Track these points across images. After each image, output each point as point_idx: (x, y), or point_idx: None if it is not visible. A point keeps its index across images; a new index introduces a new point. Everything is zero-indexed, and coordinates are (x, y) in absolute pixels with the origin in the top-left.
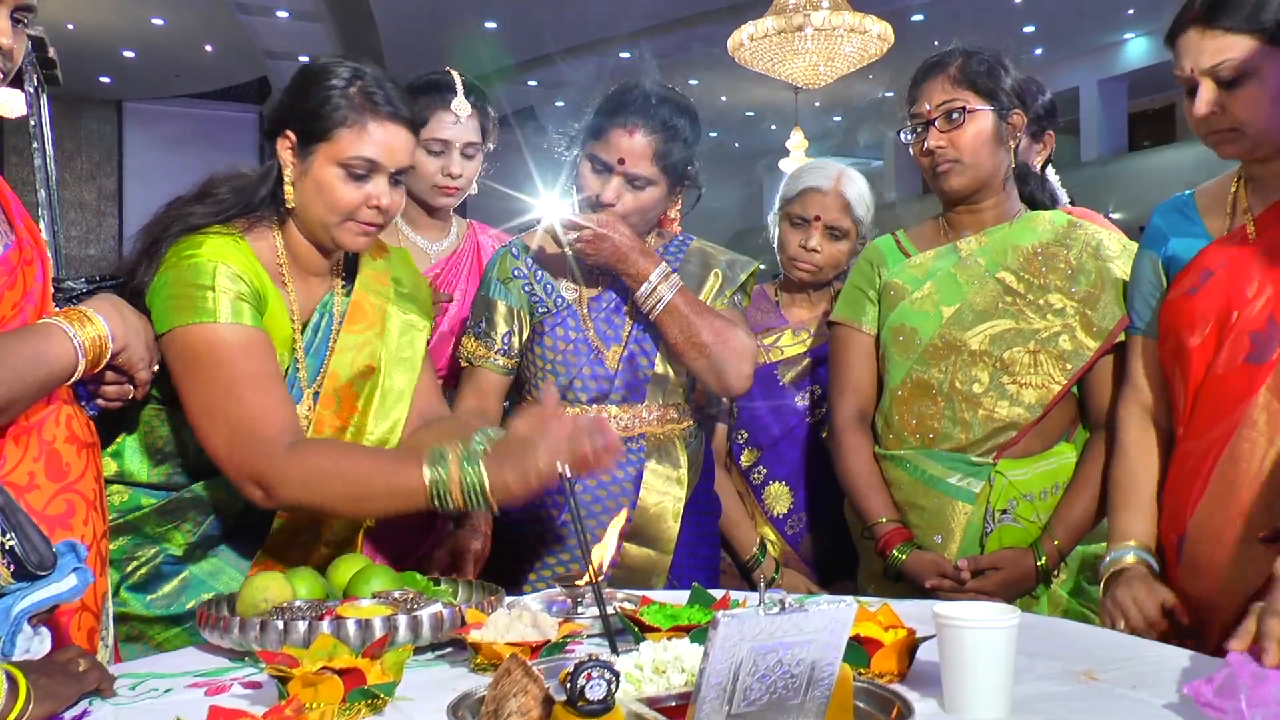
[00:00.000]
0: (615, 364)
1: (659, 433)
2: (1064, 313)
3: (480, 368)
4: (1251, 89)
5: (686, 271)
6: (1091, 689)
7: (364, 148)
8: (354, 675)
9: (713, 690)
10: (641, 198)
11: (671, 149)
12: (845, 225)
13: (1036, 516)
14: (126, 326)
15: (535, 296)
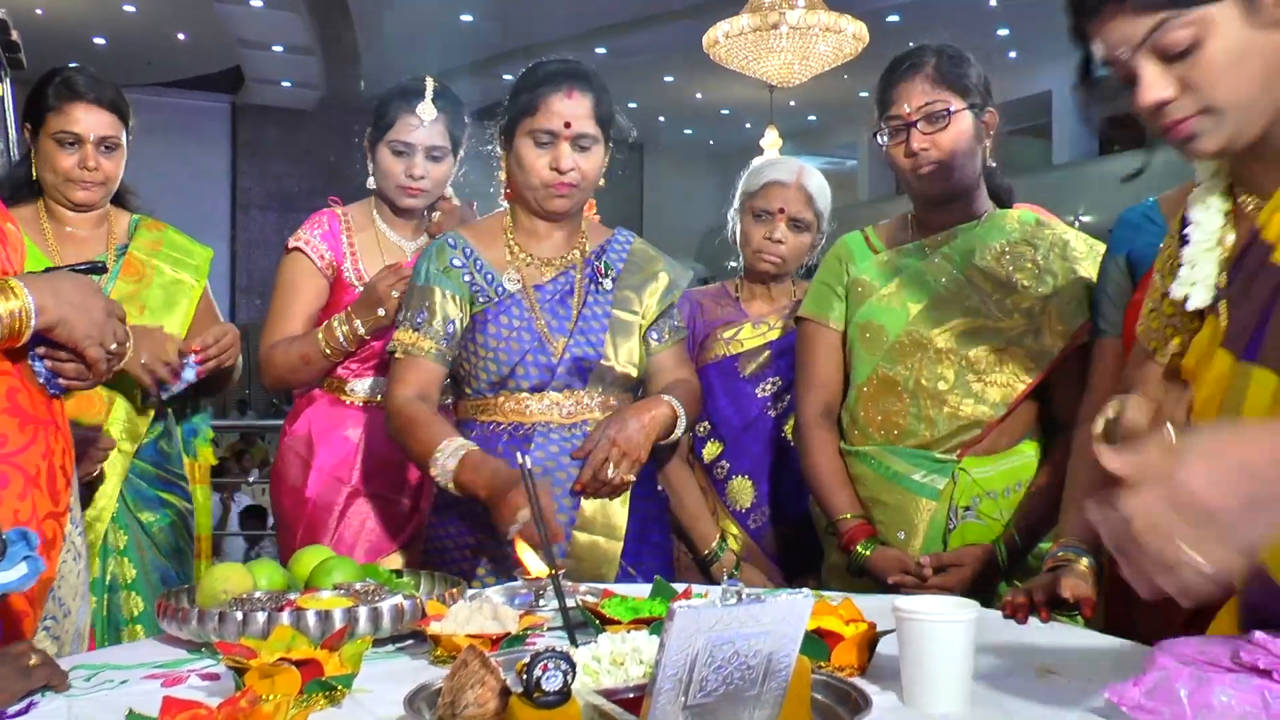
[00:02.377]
0: (560, 353)
1: (601, 417)
2: (1030, 312)
3: (418, 358)
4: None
5: (630, 268)
6: (1048, 683)
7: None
8: (312, 666)
9: (668, 681)
10: (590, 159)
11: (604, 105)
12: (808, 217)
13: (999, 514)
14: (62, 302)
15: (476, 286)
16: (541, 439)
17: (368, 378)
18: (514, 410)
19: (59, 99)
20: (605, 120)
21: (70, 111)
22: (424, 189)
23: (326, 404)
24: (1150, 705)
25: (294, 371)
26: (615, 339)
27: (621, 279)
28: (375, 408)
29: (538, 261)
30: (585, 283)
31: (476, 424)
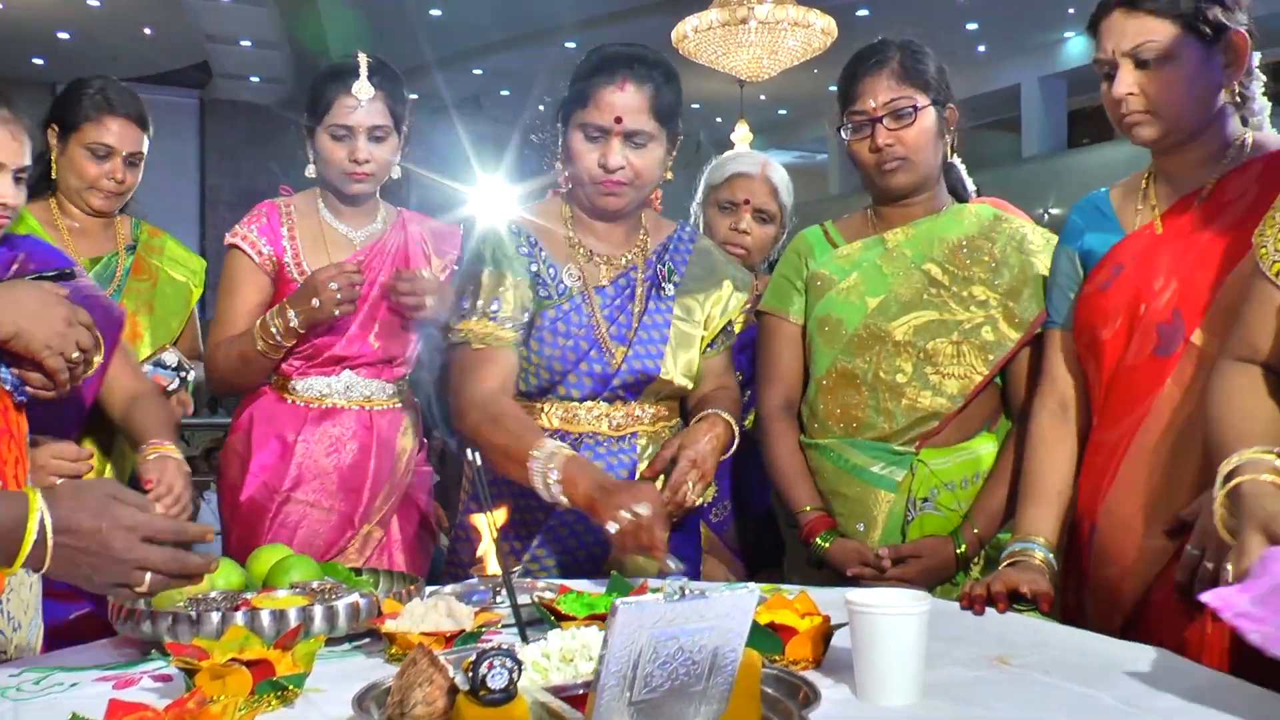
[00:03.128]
0: (619, 364)
1: (651, 430)
2: (987, 304)
3: (495, 349)
4: (1169, 72)
5: (693, 273)
6: (1004, 674)
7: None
8: (263, 667)
9: (613, 678)
10: (646, 156)
11: (665, 97)
12: (772, 209)
13: (957, 505)
14: (21, 314)
15: (540, 279)
16: (588, 451)
17: (312, 377)
18: (561, 418)
19: (96, 110)
20: (666, 113)
21: (107, 124)
22: (369, 172)
23: (270, 401)
24: (1258, 614)
25: (236, 372)
26: (676, 351)
27: (684, 284)
28: (319, 410)
29: (597, 259)
30: (647, 287)
31: None
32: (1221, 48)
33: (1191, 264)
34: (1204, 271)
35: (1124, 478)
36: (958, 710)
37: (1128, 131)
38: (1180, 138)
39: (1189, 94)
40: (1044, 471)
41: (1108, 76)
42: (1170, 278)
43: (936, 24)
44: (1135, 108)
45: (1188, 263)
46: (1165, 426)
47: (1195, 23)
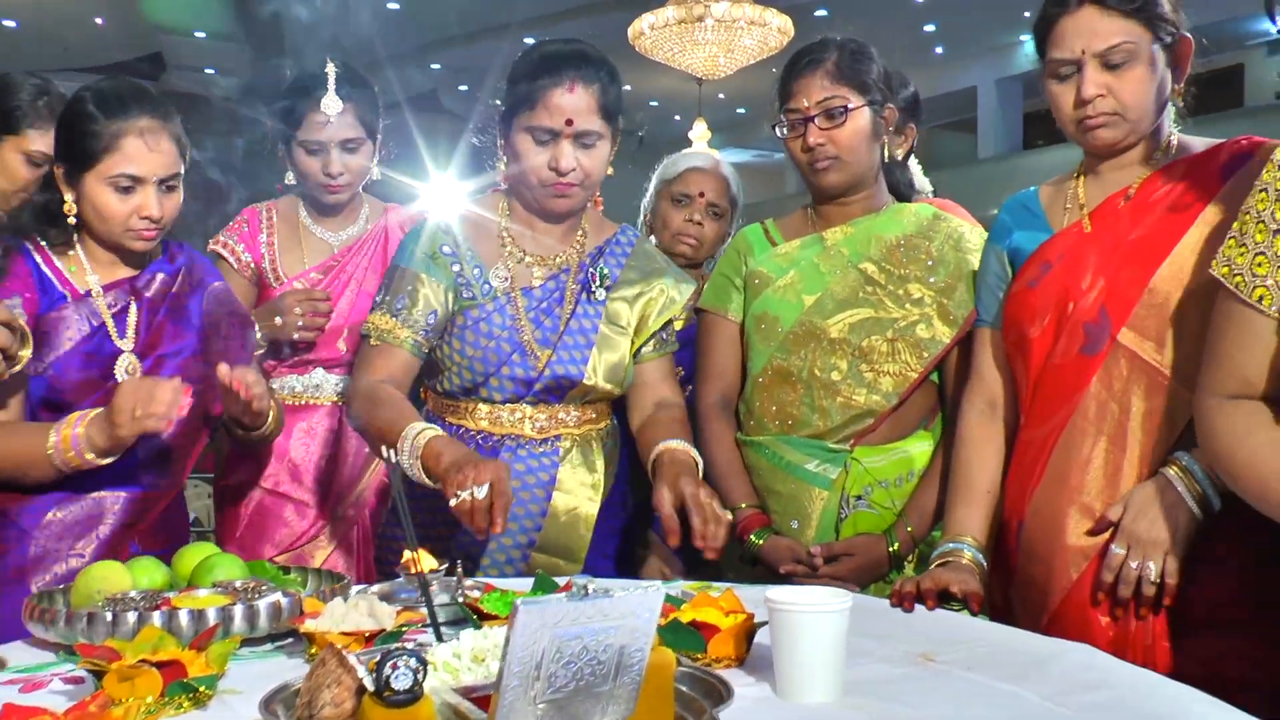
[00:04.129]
0: (541, 367)
1: (577, 433)
2: (922, 302)
3: (392, 346)
4: (1138, 73)
5: (628, 276)
6: (928, 671)
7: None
8: (175, 668)
9: (515, 678)
10: (595, 156)
11: (610, 95)
12: (724, 205)
13: (891, 503)
14: None
15: (463, 279)
16: (509, 454)
17: (286, 375)
18: (485, 418)
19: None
20: (612, 111)
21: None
22: (345, 183)
23: None
24: None
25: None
26: (601, 355)
27: (616, 288)
28: (292, 406)
29: (529, 259)
30: (577, 290)
31: (443, 424)
32: (1172, 51)
33: (1118, 263)
34: (1130, 270)
35: (1050, 476)
36: (879, 708)
37: (1088, 133)
38: (1135, 140)
39: (1149, 96)
40: (973, 471)
41: (1062, 77)
42: (1098, 276)
43: (894, 25)
44: (1103, 109)
45: (1115, 261)
46: (1090, 425)
47: (1159, 25)
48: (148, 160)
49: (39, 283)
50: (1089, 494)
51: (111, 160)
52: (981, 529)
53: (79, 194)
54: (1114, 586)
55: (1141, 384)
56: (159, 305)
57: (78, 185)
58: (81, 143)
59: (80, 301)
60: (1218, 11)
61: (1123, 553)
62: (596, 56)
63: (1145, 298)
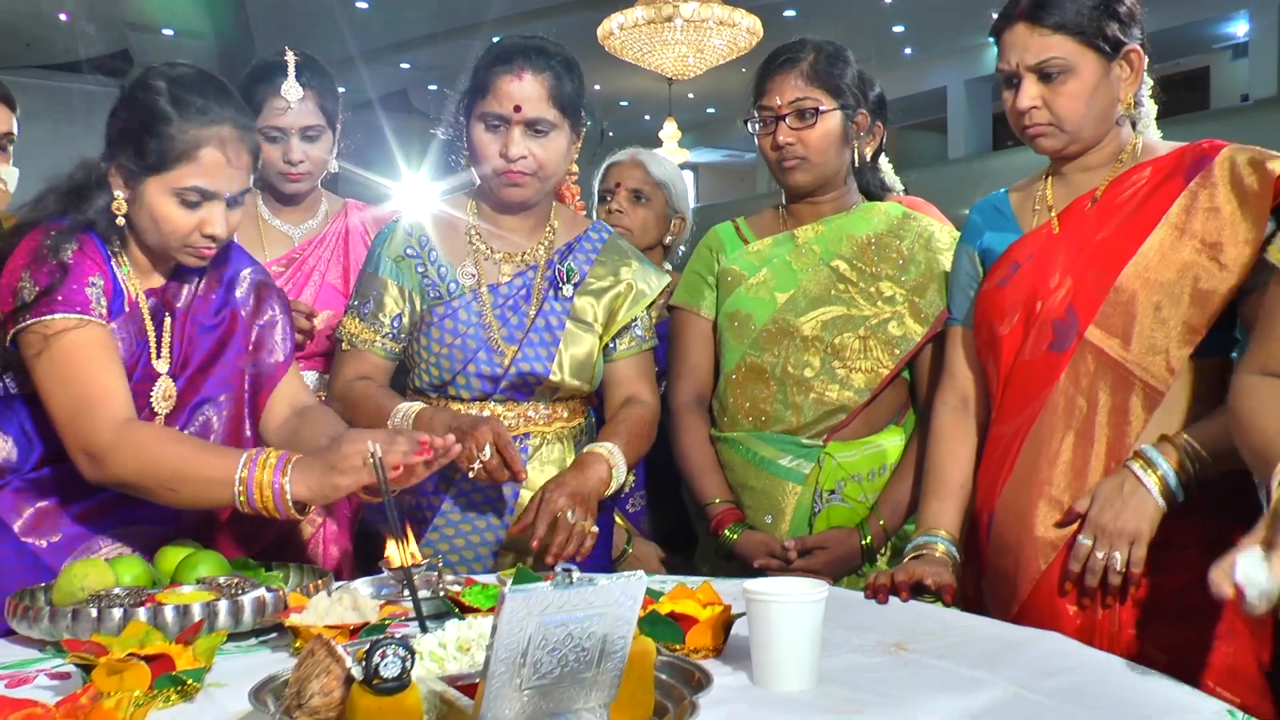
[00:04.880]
0: (508, 364)
1: (546, 431)
2: (893, 300)
3: (362, 351)
4: (1072, 85)
5: (596, 272)
6: (900, 660)
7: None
8: (163, 661)
9: (502, 664)
10: (548, 146)
11: (565, 86)
12: (646, 189)
13: (864, 497)
14: None
15: (428, 279)
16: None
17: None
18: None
19: None
20: (568, 103)
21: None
22: (305, 172)
23: None
24: None
25: None
26: (567, 352)
27: (584, 284)
28: None
29: (497, 256)
30: (544, 287)
31: None
32: (1119, 62)
33: (1085, 262)
34: (1097, 270)
35: (1020, 470)
36: (852, 695)
37: (1030, 142)
38: (1080, 148)
39: (1089, 107)
40: (945, 466)
41: (1010, 85)
42: (1065, 275)
43: (863, 26)
44: (1038, 120)
45: (1082, 261)
46: (1059, 420)
47: (1095, 40)
48: (224, 176)
49: (112, 279)
50: (1057, 487)
51: (184, 170)
52: (954, 522)
53: (135, 196)
54: (1081, 576)
55: (1108, 380)
56: (191, 315)
57: (135, 187)
58: (150, 143)
59: (133, 312)
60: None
61: (1089, 543)
62: (554, 50)
63: (1111, 296)
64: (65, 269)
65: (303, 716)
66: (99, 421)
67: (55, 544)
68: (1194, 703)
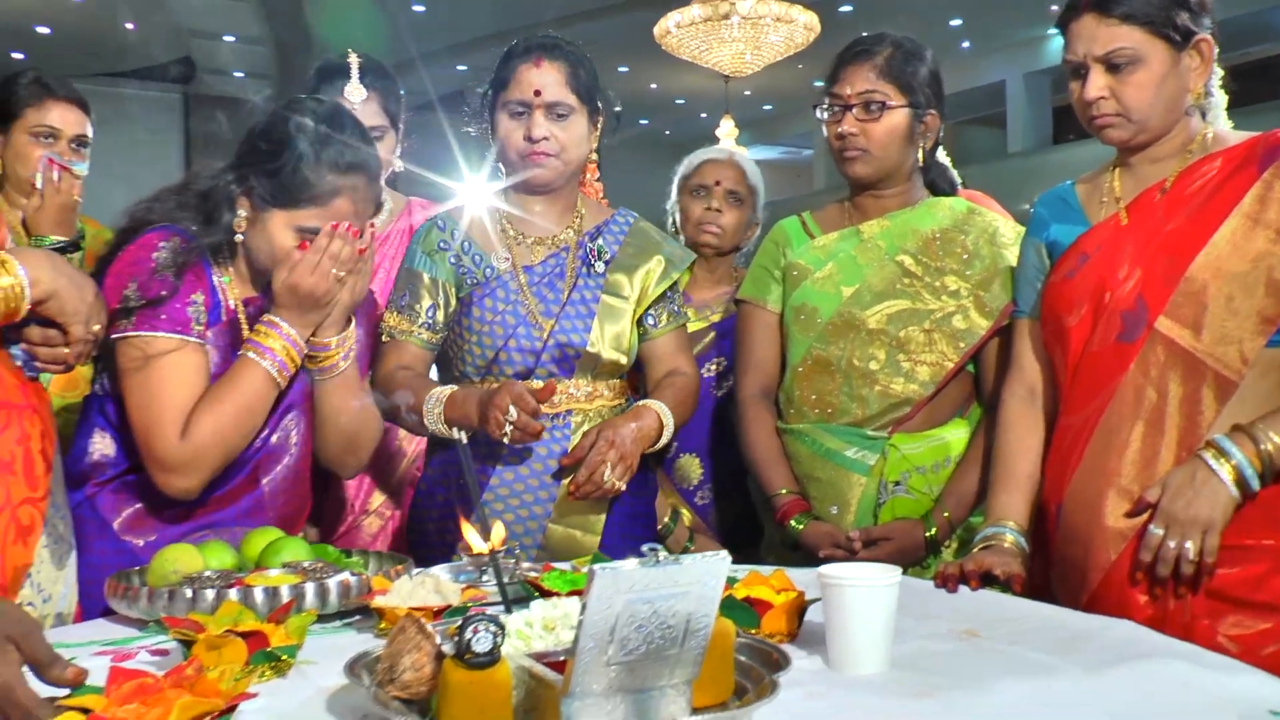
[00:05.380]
0: (546, 336)
1: (588, 409)
2: (958, 294)
3: (402, 342)
4: (1140, 76)
5: (626, 251)
6: (972, 645)
7: None
8: (258, 638)
9: (590, 640)
10: (569, 129)
11: (580, 72)
12: (742, 191)
13: (929, 488)
14: (58, 275)
15: (463, 268)
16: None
17: None
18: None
19: (36, 96)
20: (584, 90)
21: (49, 107)
22: None
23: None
24: None
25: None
26: (603, 325)
27: (615, 262)
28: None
29: (529, 241)
30: (577, 265)
31: None
32: (1189, 51)
33: (1154, 253)
34: (1167, 260)
35: (1088, 460)
36: (923, 679)
37: (1098, 133)
38: (1148, 139)
39: (1158, 98)
40: (1014, 457)
41: (1077, 76)
42: (1135, 266)
43: (920, 20)
44: (1106, 110)
45: (1151, 251)
46: (1128, 410)
47: (1165, 29)
48: (347, 220)
49: (211, 291)
50: (1127, 477)
51: (312, 212)
52: (1023, 513)
53: (256, 220)
54: (1152, 566)
55: (1179, 370)
56: None
57: (260, 213)
58: (287, 181)
59: (231, 322)
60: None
61: (1161, 532)
62: (566, 44)
63: (1182, 286)
64: (173, 286)
65: (395, 690)
66: (173, 441)
67: (151, 543)
68: (1271, 692)
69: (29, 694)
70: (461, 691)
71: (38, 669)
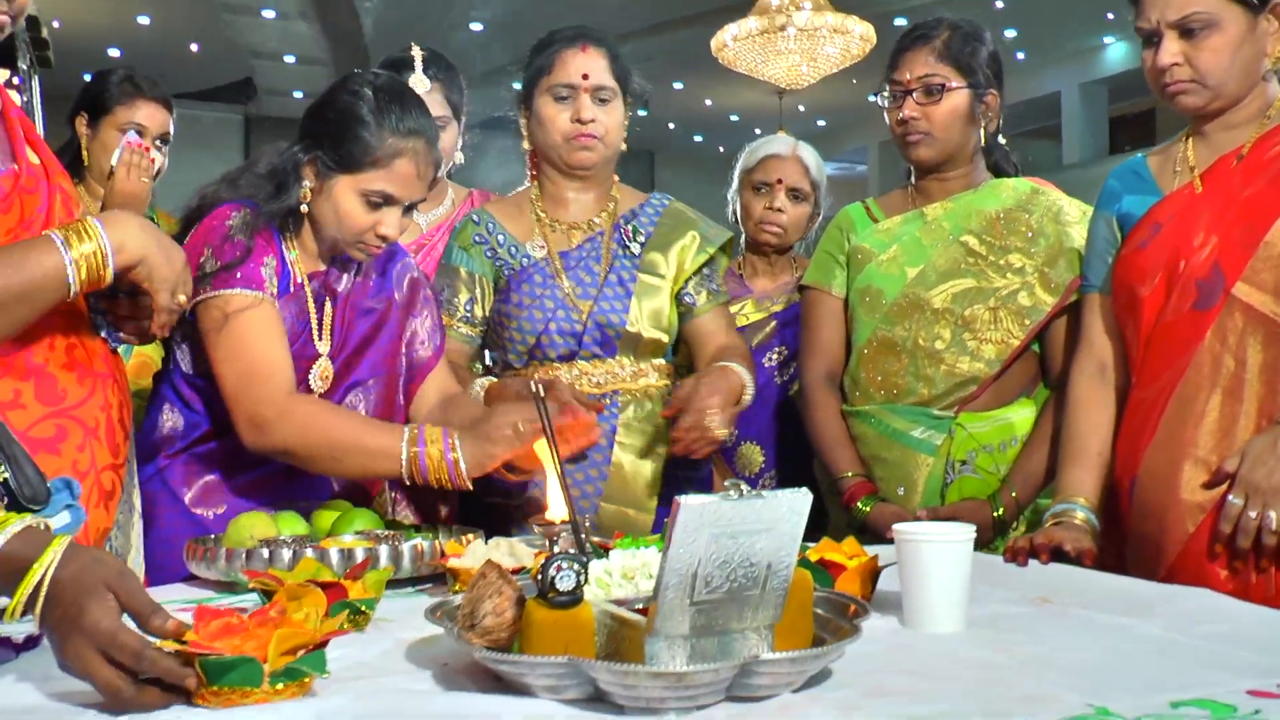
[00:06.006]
0: (585, 320)
1: (634, 388)
2: (1023, 271)
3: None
4: (1215, 40)
5: (661, 230)
6: (1047, 610)
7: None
8: (337, 590)
9: (675, 576)
10: (611, 113)
11: (619, 61)
12: (805, 188)
13: (995, 468)
14: (146, 240)
15: (499, 259)
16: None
17: None
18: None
19: (126, 95)
20: (622, 77)
21: (138, 106)
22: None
23: None
24: None
25: None
26: (641, 303)
27: (651, 241)
28: None
29: (564, 227)
30: (613, 247)
31: None
32: (1266, 16)
33: (1231, 219)
34: (1244, 226)
35: (1163, 432)
36: (1000, 638)
37: (1171, 100)
38: (1223, 105)
39: (1233, 62)
40: (1084, 433)
41: (1150, 44)
42: (1210, 234)
43: None
44: (1180, 77)
45: (1228, 219)
46: (1205, 379)
47: None
48: (411, 185)
49: (281, 259)
50: (1203, 448)
51: (376, 175)
52: (1094, 490)
53: (322, 189)
54: (1232, 538)
55: (1258, 336)
56: (350, 300)
57: (325, 181)
58: (348, 145)
59: (297, 293)
60: None
61: (1240, 503)
62: (601, 31)
63: (1261, 251)
64: (247, 248)
65: (475, 637)
66: (266, 392)
67: (220, 515)
68: None
69: (134, 636)
70: (546, 630)
71: (138, 618)
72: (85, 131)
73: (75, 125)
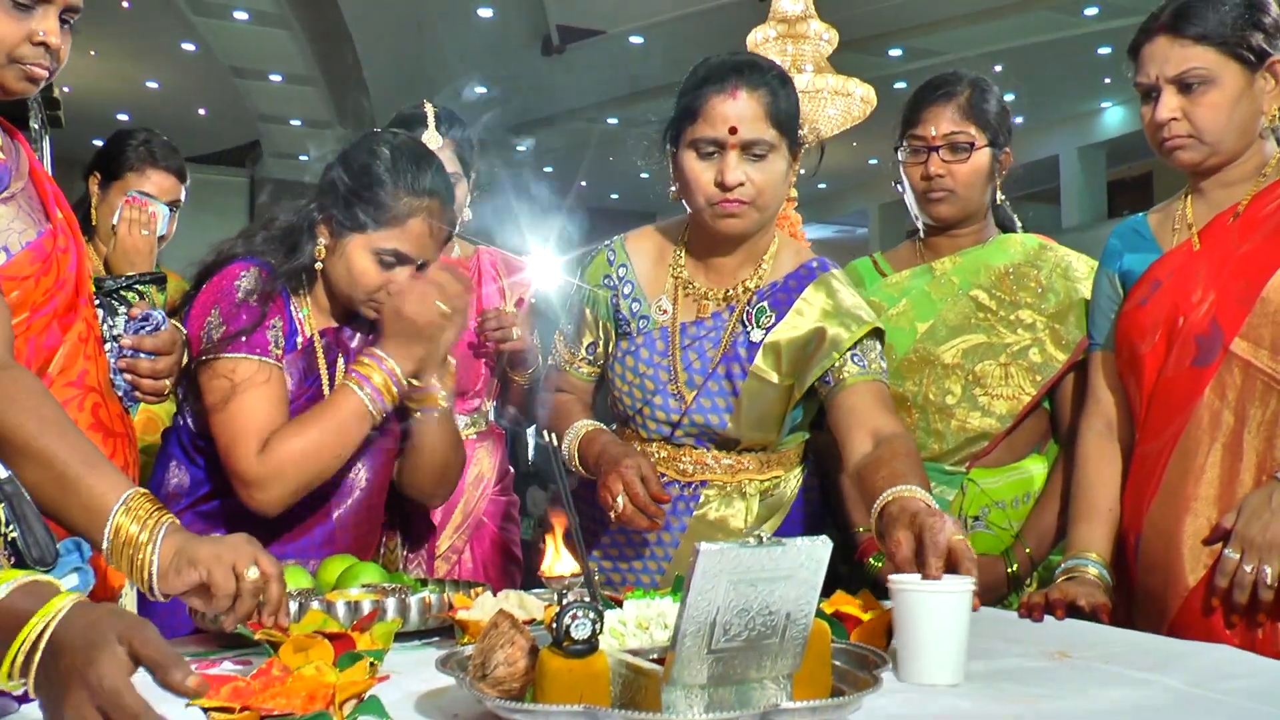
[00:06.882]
0: (684, 413)
1: (725, 480)
2: (1034, 327)
3: (564, 371)
4: (1213, 96)
5: (790, 320)
6: (1065, 665)
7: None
8: (344, 641)
9: (693, 624)
10: (767, 171)
11: (781, 102)
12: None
13: (1008, 524)
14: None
15: (620, 312)
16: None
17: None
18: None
19: (141, 161)
20: (785, 121)
21: (149, 175)
22: None
23: None
24: None
25: None
26: (746, 404)
27: (779, 328)
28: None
29: (699, 292)
30: (737, 330)
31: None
32: (1263, 74)
33: (1228, 276)
34: (1241, 282)
35: (1165, 487)
36: (1021, 689)
37: (1169, 155)
38: (1220, 161)
39: (1230, 119)
40: (1093, 490)
41: (1148, 100)
42: (1208, 290)
43: None
44: (1178, 132)
45: (1225, 275)
46: (1205, 434)
47: (1238, 50)
48: (424, 244)
49: (289, 319)
50: (1204, 502)
51: (389, 234)
52: (1104, 545)
53: (335, 247)
54: (1229, 592)
55: (1256, 392)
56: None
57: (339, 239)
58: (363, 204)
59: (306, 349)
60: None
61: (1236, 557)
62: (766, 64)
63: (1258, 307)
64: (253, 312)
65: (487, 687)
66: (250, 451)
67: None
68: None
69: (137, 699)
70: (561, 679)
71: (157, 671)
72: (96, 191)
73: (89, 183)
